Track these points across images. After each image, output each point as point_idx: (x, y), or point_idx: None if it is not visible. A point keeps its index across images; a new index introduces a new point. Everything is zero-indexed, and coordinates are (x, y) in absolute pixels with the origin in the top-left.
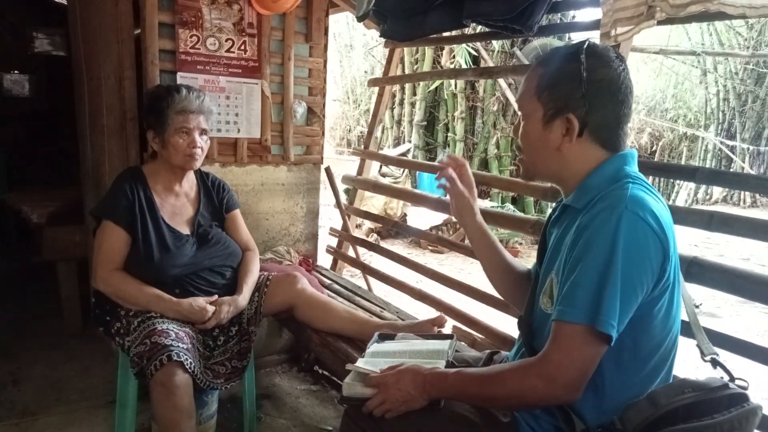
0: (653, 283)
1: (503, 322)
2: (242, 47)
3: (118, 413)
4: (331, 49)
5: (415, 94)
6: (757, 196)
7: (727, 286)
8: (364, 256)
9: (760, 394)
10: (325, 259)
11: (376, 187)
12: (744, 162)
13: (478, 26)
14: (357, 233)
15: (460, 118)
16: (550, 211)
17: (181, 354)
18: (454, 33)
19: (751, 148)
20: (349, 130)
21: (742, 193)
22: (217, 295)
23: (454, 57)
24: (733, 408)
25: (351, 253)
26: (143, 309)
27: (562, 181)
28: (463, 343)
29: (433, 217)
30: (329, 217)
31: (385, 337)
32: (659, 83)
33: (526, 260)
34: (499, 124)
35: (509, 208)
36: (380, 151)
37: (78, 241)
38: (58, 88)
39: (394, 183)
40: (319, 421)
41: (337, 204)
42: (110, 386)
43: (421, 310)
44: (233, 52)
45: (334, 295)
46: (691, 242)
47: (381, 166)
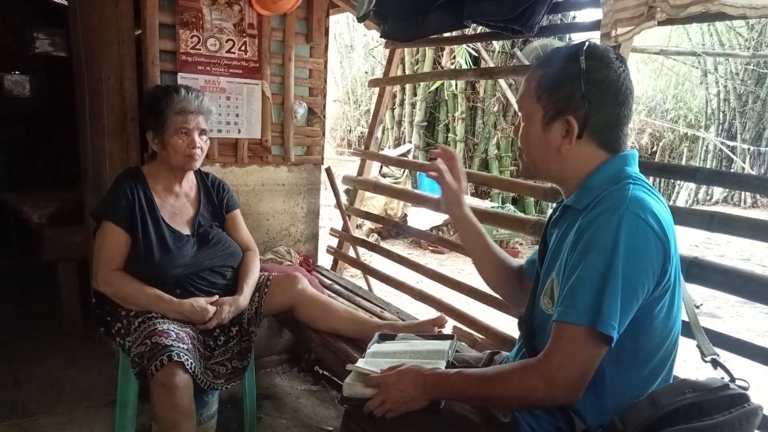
0: (654, 284)
1: (503, 323)
2: (243, 48)
3: (119, 413)
4: (332, 50)
5: (415, 95)
6: (758, 196)
7: (727, 287)
8: (365, 256)
9: (761, 394)
10: (325, 260)
11: (377, 188)
12: (744, 162)
13: (479, 27)
14: (357, 234)
15: (461, 119)
16: (550, 211)
17: (182, 354)
18: (454, 33)
19: (752, 148)
20: (350, 131)
21: (743, 193)
22: (218, 296)
23: (455, 57)
24: (734, 408)
25: (351, 253)
26: (144, 309)
27: (563, 182)
28: (464, 344)
29: (433, 218)
30: (330, 218)
31: (385, 338)
32: (660, 84)
33: None
34: (500, 125)
35: (510, 209)
36: (381, 152)
37: (78, 241)
38: (58, 89)
39: (395, 183)
40: (320, 422)
41: (338, 204)
42: (110, 386)
43: (422, 311)
44: (234, 53)
45: (334, 295)
46: (692, 243)
47: (381, 167)
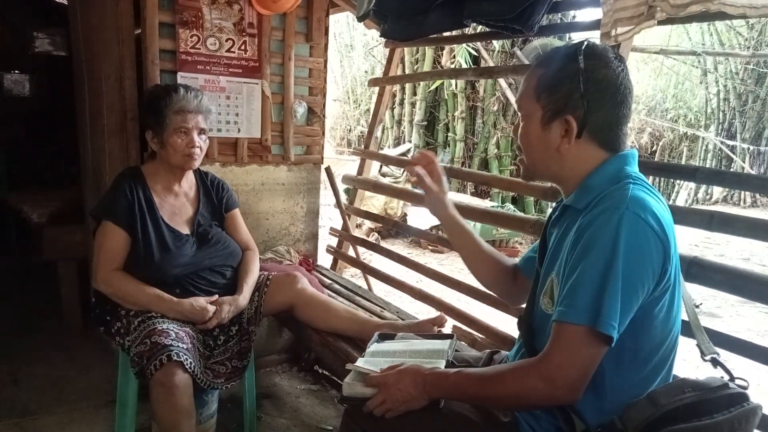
0: (654, 283)
1: (503, 322)
2: (242, 47)
3: (119, 413)
4: (332, 49)
5: (415, 94)
6: (758, 195)
7: (727, 286)
8: (364, 255)
9: (761, 393)
10: (325, 259)
11: (377, 187)
12: (744, 162)
13: (479, 26)
14: (357, 233)
15: (461, 118)
16: (550, 211)
17: (181, 354)
18: (454, 33)
19: (752, 148)
20: (350, 130)
21: (743, 193)
22: (218, 295)
23: (455, 57)
24: (733, 408)
25: (351, 252)
26: (144, 309)
27: (562, 182)
28: (463, 343)
29: (433, 217)
30: (329, 217)
31: (385, 337)
32: (660, 83)
33: None
34: (500, 124)
35: (509, 208)
36: (380, 151)
37: (78, 240)
38: (58, 88)
39: (395, 183)
40: (320, 421)
41: (338, 204)
42: (110, 386)
43: (421, 310)
44: (233, 52)
45: (334, 294)
46: (692, 242)
47: (381, 166)
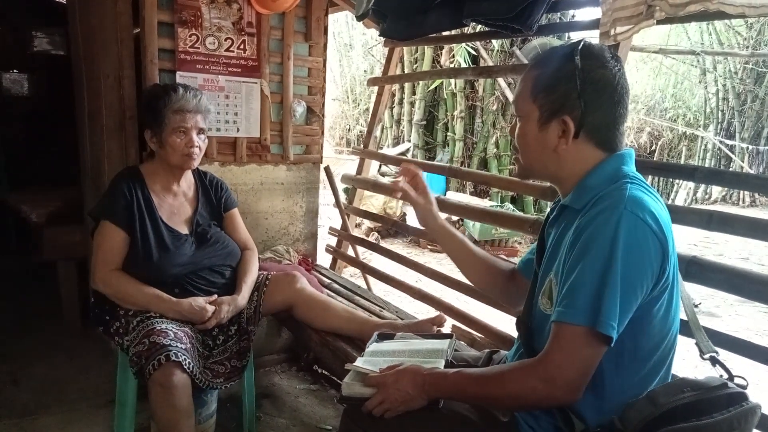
0: (653, 283)
1: (502, 321)
2: (241, 46)
3: (118, 412)
4: (331, 49)
5: (414, 94)
6: (756, 195)
7: (726, 286)
8: (364, 255)
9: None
10: (324, 259)
11: (376, 187)
12: (743, 161)
13: (478, 25)
14: (356, 232)
15: (460, 118)
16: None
17: (180, 354)
18: (453, 32)
19: (751, 147)
20: (349, 130)
21: (742, 192)
22: (217, 295)
23: (454, 56)
24: (732, 407)
25: (350, 252)
26: (143, 309)
27: (560, 182)
28: (463, 343)
29: None
30: (329, 217)
31: (384, 337)
32: (658, 83)
33: None
34: (499, 124)
35: (508, 208)
36: (379, 151)
37: (78, 240)
38: (57, 88)
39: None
40: (319, 421)
41: (337, 203)
42: (110, 386)
43: (421, 310)
44: (232, 52)
45: (333, 294)
46: (690, 241)
47: (380, 166)
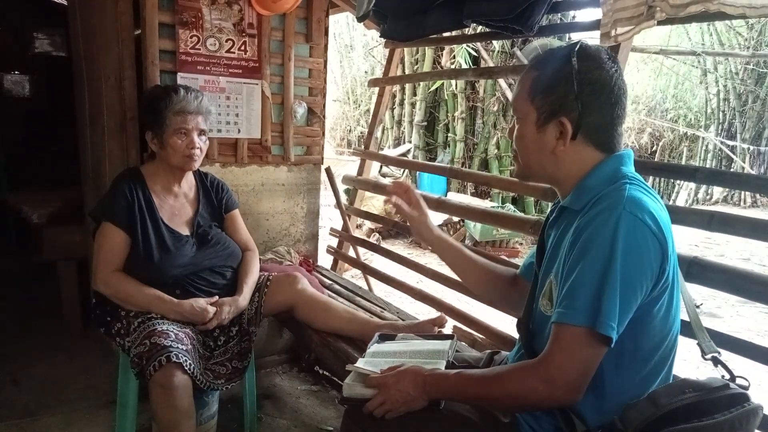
0: (652, 283)
1: (503, 322)
2: (242, 48)
3: (119, 413)
4: (332, 50)
5: (415, 95)
6: (758, 196)
7: (727, 286)
8: (365, 256)
9: (761, 394)
10: (325, 260)
11: (377, 188)
12: (744, 162)
13: (479, 26)
14: (357, 233)
15: (461, 119)
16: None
17: (180, 355)
18: (454, 33)
19: (752, 148)
20: (350, 131)
21: (743, 193)
22: (218, 296)
23: (454, 57)
24: (734, 408)
25: (351, 253)
26: (144, 310)
27: (558, 183)
28: (464, 343)
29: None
30: (330, 218)
31: (385, 338)
32: (659, 83)
33: None
34: (500, 125)
35: (509, 208)
36: (380, 152)
37: (78, 241)
38: (58, 89)
39: None
40: (320, 422)
41: (338, 204)
42: (110, 386)
43: (422, 310)
44: (233, 53)
45: (334, 295)
46: (692, 242)
47: (381, 167)
